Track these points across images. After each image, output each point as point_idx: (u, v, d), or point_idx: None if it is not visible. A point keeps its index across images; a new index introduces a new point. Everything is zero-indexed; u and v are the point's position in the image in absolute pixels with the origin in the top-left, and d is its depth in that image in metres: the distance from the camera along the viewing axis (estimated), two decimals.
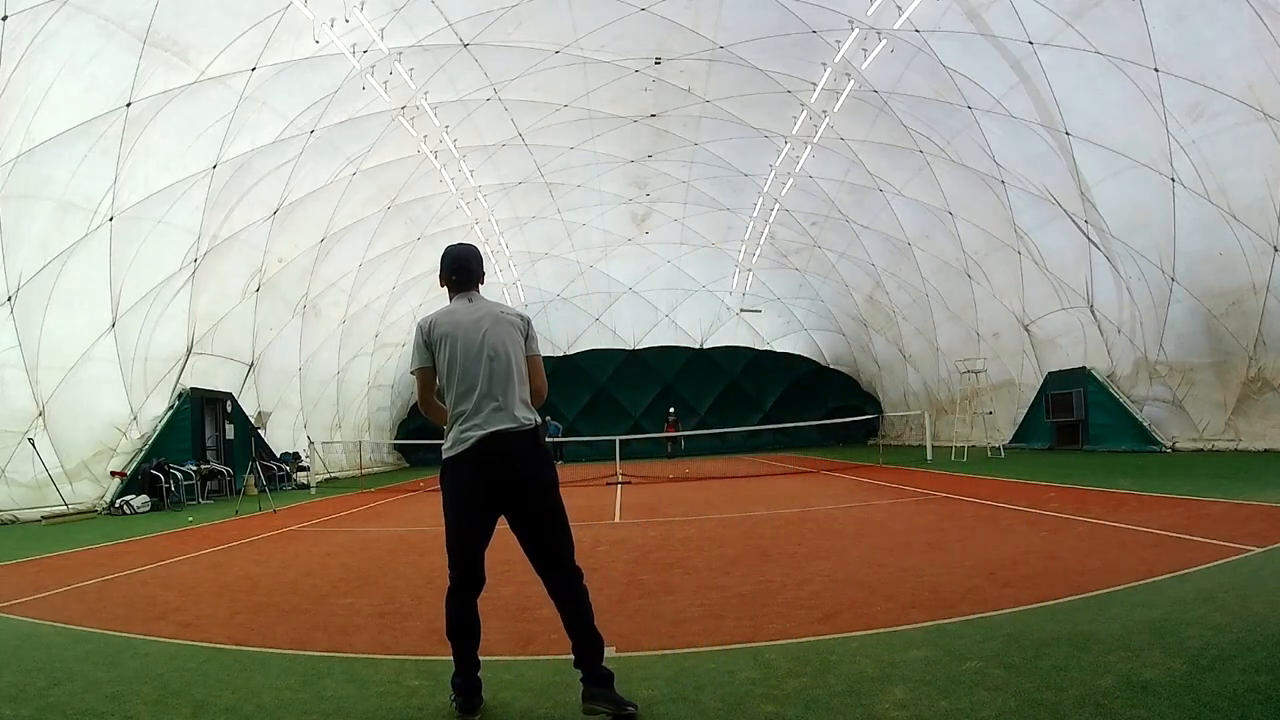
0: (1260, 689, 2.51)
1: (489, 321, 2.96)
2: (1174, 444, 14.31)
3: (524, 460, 2.81)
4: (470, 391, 2.85)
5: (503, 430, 2.79)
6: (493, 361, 2.88)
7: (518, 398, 2.89)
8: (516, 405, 2.86)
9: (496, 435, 2.78)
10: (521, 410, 2.87)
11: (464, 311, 3.00)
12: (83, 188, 11.25)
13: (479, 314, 2.99)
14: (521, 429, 2.82)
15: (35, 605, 5.06)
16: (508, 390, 2.87)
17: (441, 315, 2.99)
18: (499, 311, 3.03)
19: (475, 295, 3.10)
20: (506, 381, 2.87)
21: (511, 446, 2.79)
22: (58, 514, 11.28)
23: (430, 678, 3.21)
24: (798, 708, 2.67)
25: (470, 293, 3.09)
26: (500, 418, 2.81)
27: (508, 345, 2.93)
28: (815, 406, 27.75)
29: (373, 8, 11.74)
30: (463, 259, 3.12)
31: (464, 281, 3.10)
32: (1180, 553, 4.84)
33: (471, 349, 2.90)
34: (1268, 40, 9.99)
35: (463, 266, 3.11)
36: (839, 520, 7.88)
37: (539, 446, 2.87)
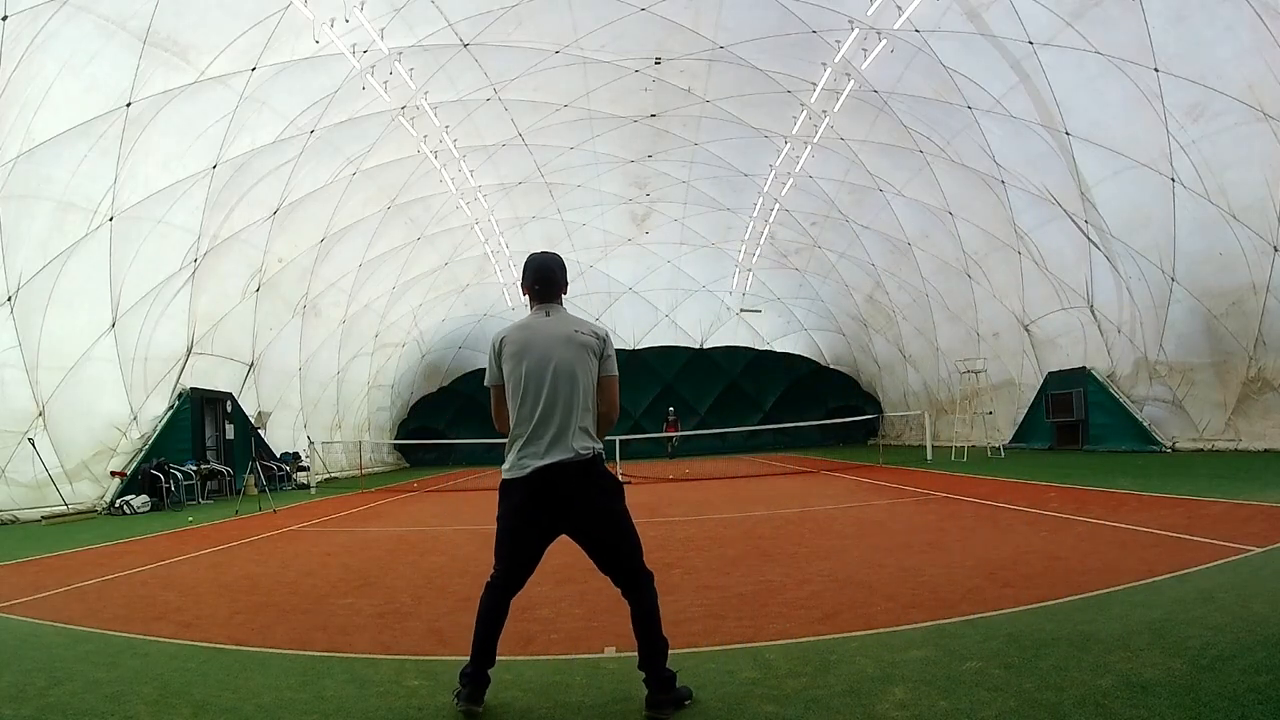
0: (1260, 689, 2.51)
1: (560, 343, 2.88)
2: (1174, 444, 14.31)
3: (578, 491, 2.81)
4: (530, 417, 2.82)
5: (556, 463, 2.77)
6: (556, 388, 2.83)
7: (577, 426, 2.83)
8: (575, 434, 2.82)
9: (551, 468, 2.77)
10: (580, 440, 2.82)
11: (538, 329, 2.92)
12: (83, 188, 11.25)
13: (552, 334, 2.90)
14: (577, 459, 2.79)
15: (35, 605, 5.06)
16: (569, 418, 2.82)
17: (515, 331, 2.94)
18: (573, 331, 2.92)
19: (555, 309, 3.00)
20: (569, 409, 2.82)
21: (564, 478, 2.79)
22: (58, 514, 11.28)
23: (430, 678, 3.21)
24: (798, 708, 2.67)
25: (550, 304, 3.00)
26: (557, 449, 2.79)
27: (575, 370, 2.86)
28: (815, 406, 27.76)
29: (373, 8, 11.74)
30: (546, 269, 3.01)
31: (545, 292, 3.00)
32: (1180, 553, 4.84)
33: (537, 372, 2.85)
34: (1268, 40, 9.99)
35: (546, 277, 3.00)
36: (839, 520, 7.88)
37: (595, 474, 2.84)
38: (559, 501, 2.80)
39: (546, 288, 3.00)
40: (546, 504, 2.80)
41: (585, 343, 2.90)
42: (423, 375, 28.57)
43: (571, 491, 2.80)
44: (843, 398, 28.79)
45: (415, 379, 28.23)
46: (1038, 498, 8.41)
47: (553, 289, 3.01)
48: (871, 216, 20.18)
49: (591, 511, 2.83)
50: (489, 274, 24.81)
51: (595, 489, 2.84)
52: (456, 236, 21.66)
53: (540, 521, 2.83)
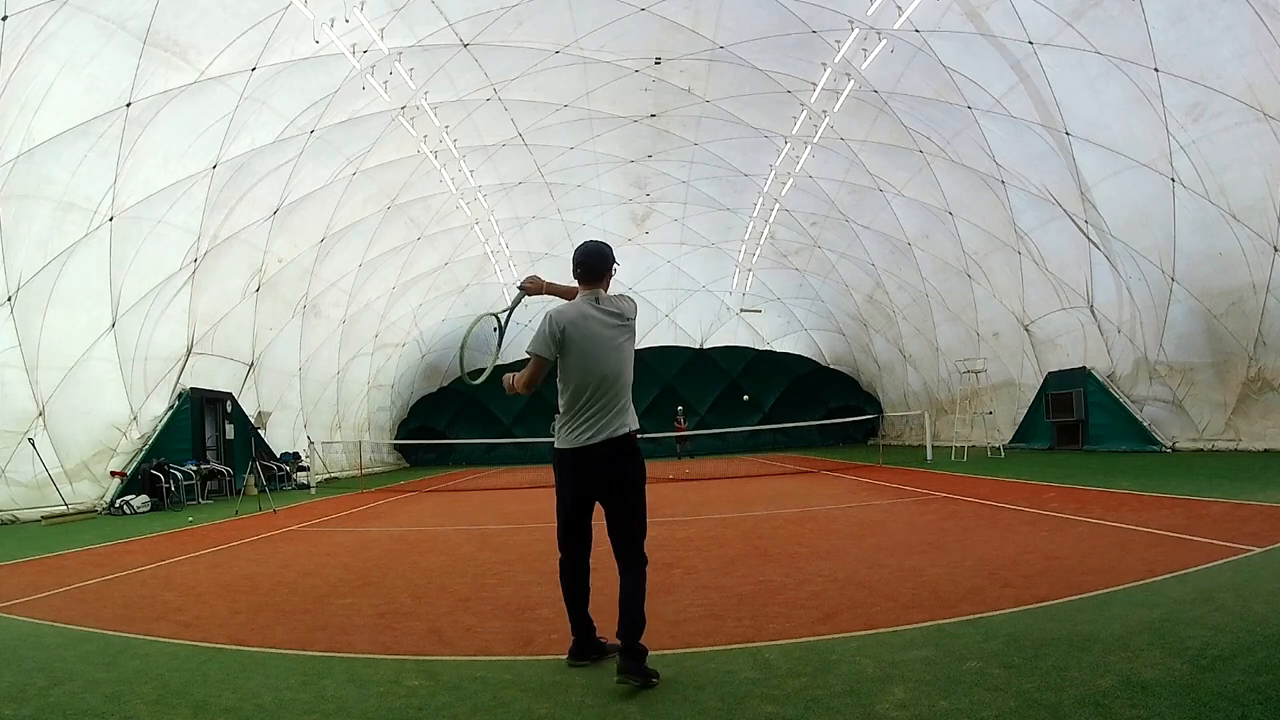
0: (1260, 689, 2.51)
1: (614, 334, 3.29)
2: (1174, 444, 14.31)
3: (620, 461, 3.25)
4: (590, 401, 3.24)
5: (610, 438, 3.22)
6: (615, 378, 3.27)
7: (627, 406, 3.31)
8: (625, 414, 3.29)
9: (606, 442, 3.22)
10: (628, 418, 3.30)
11: (595, 319, 3.28)
12: (83, 188, 11.24)
13: (608, 324, 3.29)
14: (627, 434, 3.27)
15: (35, 605, 5.06)
16: (620, 402, 3.28)
17: (574, 316, 3.27)
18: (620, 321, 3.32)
19: (602, 294, 3.35)
20: (621, 394, 3.29)
21: (614, 450, 3.23)
22: (58, 514, 11.27)
23: (430, 678, 3.21)
24: (798, 708, 2.67)
25: (598, 290, 3.35)
26: (611, 427, 3.23)
27: (624, 360, 3.32)
28: (815, 406, 27.75)
29: (373, 8, 11.74)
30: (590, 258, 3.37)
31: (588, 277, 3.36)
32: (1180, 553, 4.84)
33: (598, 363, 3.24)
34: (1268, 40, 9.99)
35: (589, 264, 3.36)
36: (839, 520, 7.88)
37: (636, 450, 3.31)
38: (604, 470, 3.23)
39: (590, 274, 3.36)
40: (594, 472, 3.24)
41: (628, 325, 3.35)
42: (423, 375, 28.56)
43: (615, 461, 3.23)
44: (843, 398, 28.78)
45: (415, 379, 28.23)
46: (1038, 498, 8.41)
47: (595, 276, 3.37)
48: (871, 216, 20.18)
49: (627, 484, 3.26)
50: (489, 274, 24.80)
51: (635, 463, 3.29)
52: (456, 236, 21.66)
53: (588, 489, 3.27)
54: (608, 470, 3.24)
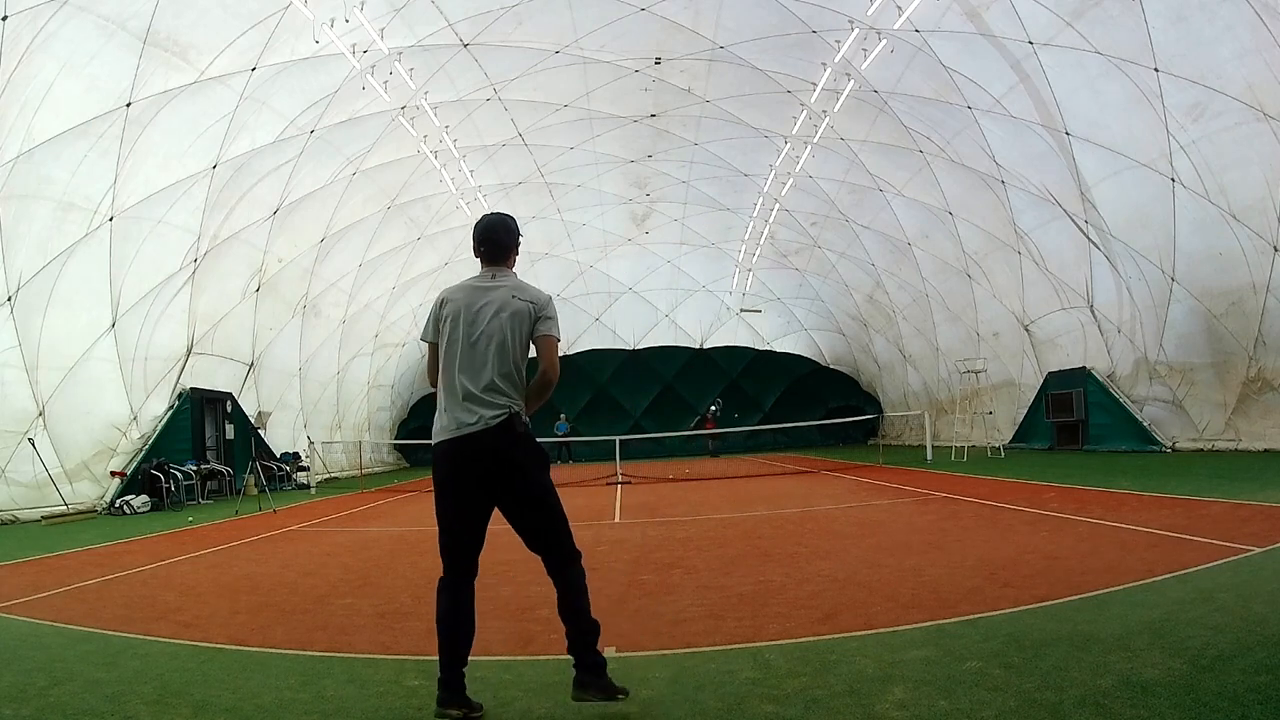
0: (1260, 689, 2.50)
1: (495, 307, 2.83)
2: (1174, 444, 14.30)
3: (497, 456, 2.74)
4: (454, 382, 2.80)
5: (473, 432, 2.73)
6: (483, 351, 2.79)
7: (498, 389, 2.77)
8: (494, 398, 2.76)
9: (469, 436, 2.73)
10: (498, 402, 2.75)
11: (477, 292, 2.88)
12: (83, 188, 11.24)
13: (490, 298, 2.86)
14: (489, 426, 2.73)
15: (35, 605, 5.06)
16: (490, 383, 2.77)
17: (456, 290, 2.92)
18: (511, 295, 2.87)
19: (501, 272, 2.95)
20: (491, 374, 2.77)
21: (483, 445, 2.73)
22: (58, 514, 11.27)
23: (430, 678, 3.19)
24: (798, 708, 2.67)
25: (497, 268, 2.95)
26: (474, 414, 2.74)
27: (506, 335, 2.80)
28: (815, 406, 27.75)
29: (373, 8, 11.73)
30: (490, 230, 2.97)
31: (491, 254, 2.96)
32: (1180, 553, 4.84)
33: (467, 335, 2.81)
34: (1268, 40, 9.99)
35: (490, 238, 2.96)
36: (839, 520, 7.88)
37: (512, 437, 2.75)
38: (479, 467, 2.74)
39: (491, 249, 2.96)
40: (470, 469, 2.74)
41: (520, 309, 2.84)
42: (423, 375, 28.54)
43: (490, 455, 2.73)
44: (843, 398, 28.79)
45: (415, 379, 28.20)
46: (1038, 498, 8.41)
47: (497, 251, 2.96)
48: (871, 216, 20.18)
49: (515, 476, 2.77)
50: None
51: (518, 452, 2.76)
52: (456, 237, 21.65)
53: (468, 489, 2.76)
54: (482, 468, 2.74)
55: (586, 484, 14.60)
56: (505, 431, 2.74)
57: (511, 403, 2.78)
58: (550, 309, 2.92)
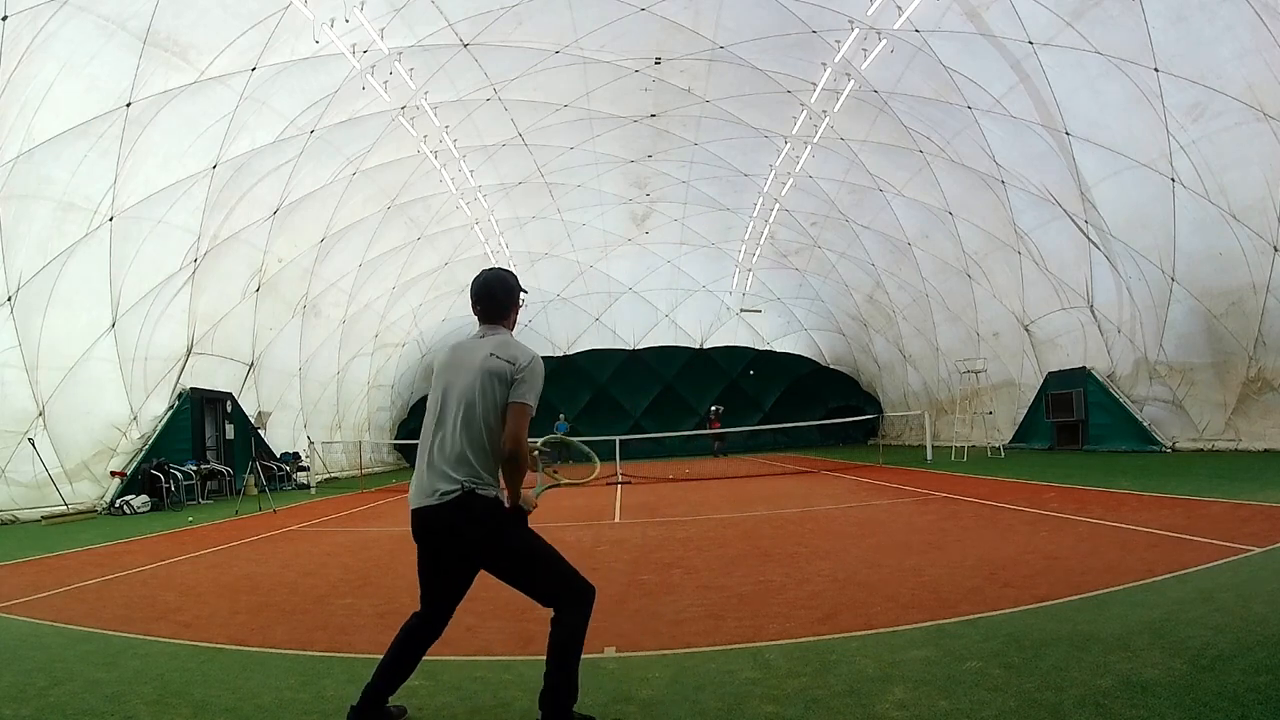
0: (1260, 689, 2.51)
1: (470, 367, 2.63)
2: (1174, 444, 14.30)
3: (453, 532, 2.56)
4: (423, 448, 2.66)
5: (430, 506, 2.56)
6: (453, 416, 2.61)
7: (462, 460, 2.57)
8: (455, 470, 2.56)
9: (427, 510, 2.57)
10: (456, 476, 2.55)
11: (461, 351, 2.73)
12: (83, 188, 11.24)
13: (470, 358, 2.67)
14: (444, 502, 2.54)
15: (35, 605, 5.06)
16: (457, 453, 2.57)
17: (447, 351, 2.78)
18: (490, 353, 2.63)
19: (492, 330, 2.75)
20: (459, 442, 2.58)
21: (440, 521, 2.56)
22: (58, 514, 11.28)
23: (430, 678, 3.21)
24: (798, 708, 2.67)
25: (493, 327, 2.76)
26: (432, 487, 2.57)
27: (475, 397, 2.59)
28: (815, 407, 27.75)
29: (373, 8, 11.74)
30: (487, 287, 2.78)
31: (487, 312, 2.78)
32: (1180, 553, 4.84)
33: (442, 397, 2.67)
34: (1268, 40, 9.99)
35: (486, 295, 2.77)
36: (839, 520, 7.88)
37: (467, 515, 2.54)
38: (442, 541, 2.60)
39: (488, 307, 2.77)
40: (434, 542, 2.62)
41: (495, 367, 2.60)
42: (423, 375, 28.52)
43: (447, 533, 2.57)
44: (843, 398, 28.79)
45: (415, 379, 28.22)
46: (1038, 498, 8.41)
47: (495, 309, 2.77)
48: (871, 216, 20.18)
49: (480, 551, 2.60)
50: None
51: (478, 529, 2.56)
52: (456, 236, 21.66)
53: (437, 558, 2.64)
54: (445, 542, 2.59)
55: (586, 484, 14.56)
56: (460, 509, 2.54)
57: (473, 475, 2.56)
58: (531, 372, 2.61)
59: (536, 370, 2.62)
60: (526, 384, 2.59)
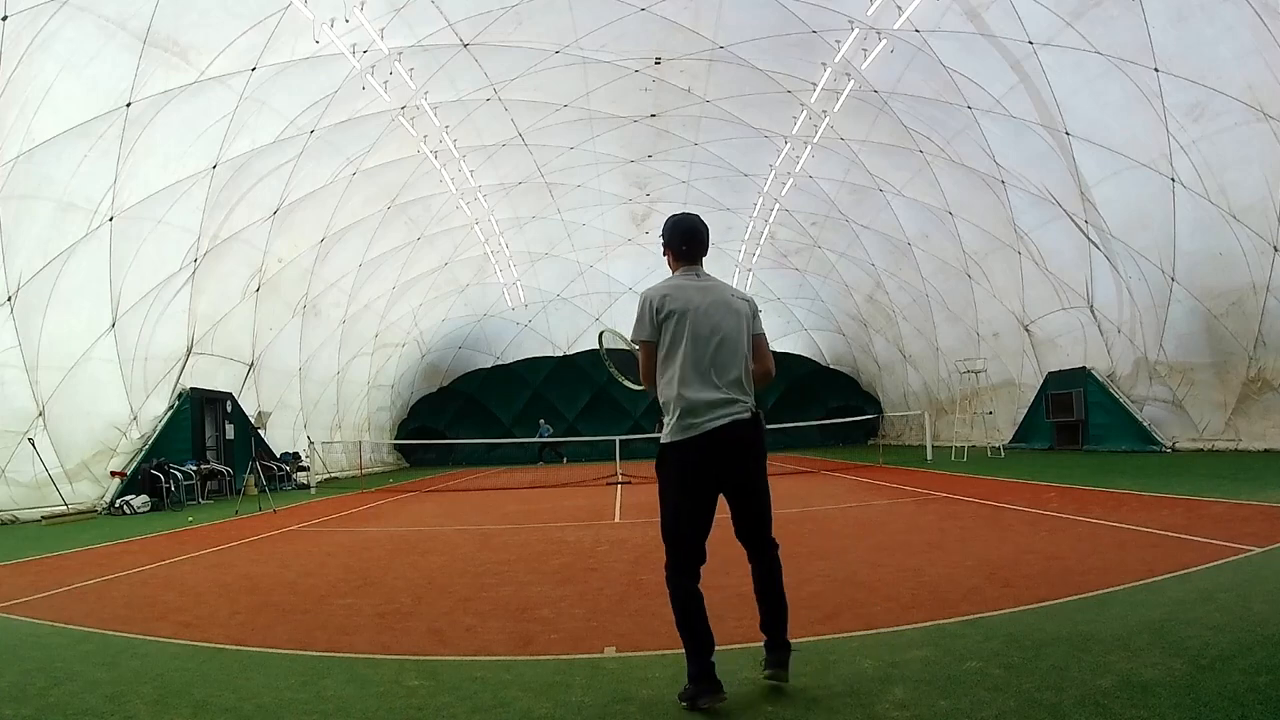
0: (1260, 689, 2.50)
1: (721, 307, 2.91)
2: (1174, 444, 14.31)
3: (750, 447, 2.86)
4: (699, 379, 2.82)
5: (733, 421, 2.81)
6: (722, 349, 2.86)
7: (745, 386, 2.90)
8: (743, 393, 2.88)
9: (727, 427, 2.79)
10: (748, 399, 2.89)
11: (695, 291, 2.91)
12: (83, 188, 11.24)
13: (711, 297, 2.92)
14: (749, 418, 2.86)
15: (35, 605, 5.05)
16: (737, 379, 2.87)
17: (672, 289, 2.90)
18: (729, 295, 2.98)
19: (702, 271, 3.02)
20: (735, 369, 2.87)
21: (740, 435, 2.82)
22: (58, 514, 11.28)
23: (430, 677, 3.21)
24: (798, 708, 2.67)
25: (698, 267, 3.02)
26: (728, 408, 2.82)
27: (740, 332, 2.92)
28: (815, 406, 27.75)
29: (373, 8, 11.74)
30: (694, 230, 3.02)
31: (694, 253, 3.02)
32: (1180, 553, 4.83)
33: (702, 334, 2.85)
34: (1268, 40, 9.99)
35: (694, 238, 3.01)
36: (839, 520, 7.88)
37: (761, 432, 2.92)
38: (731, 457, 2.82)
39: (695, 248, 3.02)
40: (719, 462, 2.81)
41: (740, 308, 2.96)
42: (423, 375, 28.57)
43: (745, 446, 2.84)
44: (843, 398, 28.78)
45: (415, 379, 28.24)
46: (1038, 498, 8.41)
47: (701, 249, 3.04)
48: (871, 216, 20.18)
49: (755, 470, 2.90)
50: (489, 274, 24.81)
51: (762, 448, 2.92)
52: (456, 236, 21.66)
53: (711, 483, 2.84)
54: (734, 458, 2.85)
55: (586, 484, 14.60)
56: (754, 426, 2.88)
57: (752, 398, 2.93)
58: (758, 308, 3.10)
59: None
60: (760, 318, 3.09)
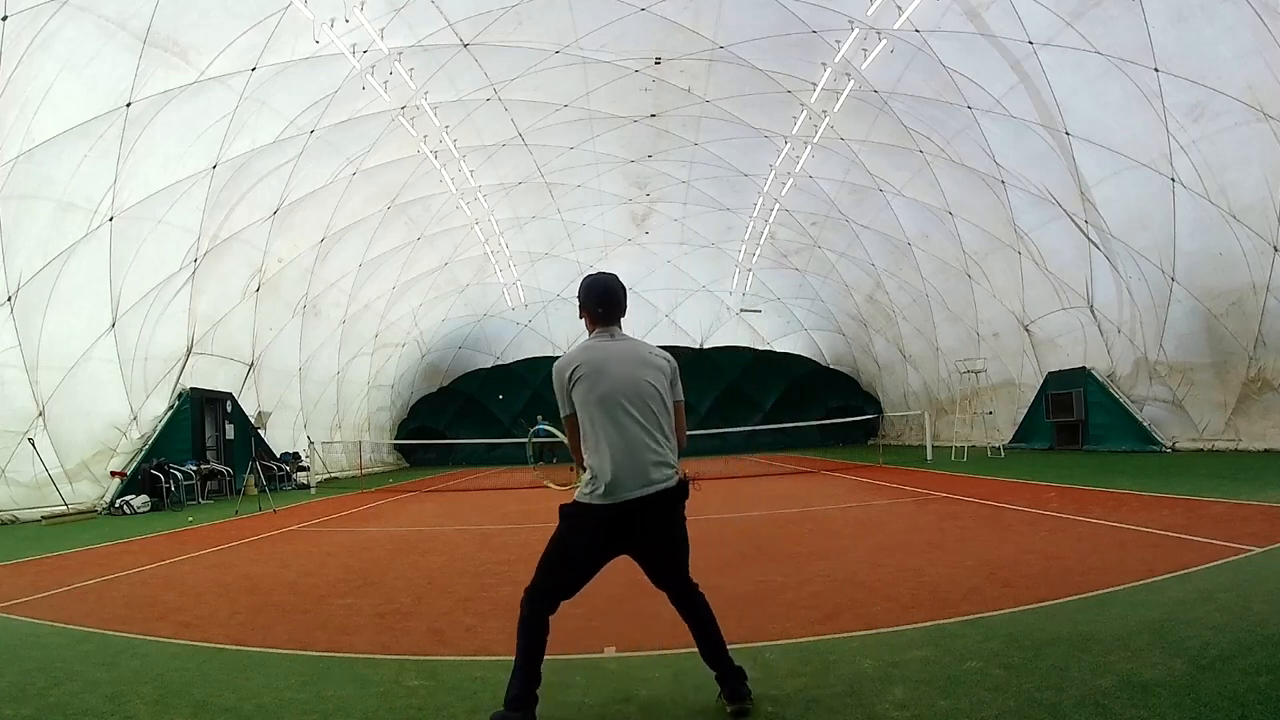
0: (1260, 689, 2.50)
1: (640, 365, 2.76)
2: (1174, 444, 14.30)
3: (671, 515, 2.73)
4: (623, 443, 2.65)
5: (657, 492, 2.65)
6: (645, 410, 2.70)
7: (669, 449, 2.73)
8: (668, 458, 2.71)
9: (651, 499, 2.65)
10: (666, 467, 2.70)
11: (612, 351, 2.77)
12: (83, 188, 11.24)
13: (630, 357, 2.77)
14: (666, 489, 2.68)
15: (35, 605, 5.05)
16: (660, 442, 2.71)
17: (584, 355, 2.75)
18: (649, 354, 2.83)
19: (619, 331, 2.86)
20: (658, 431, 2.71)
21: (662, 508, 2.68)
22: (58, 514, 11.27)
23: (430, 677, 3.21)
24: (798, 708, 2.67)
25: (614, 328, 2.86)
26: (653, 475, 2.66)
27: (663, 392, 2.76)
28: (815, 406, 27.75)
29: (373, 8, 11.74)
30: (610, 290, 2.87)
31: (611, 315, 2.86)
32: (1180, 553, 4.83)
33: (622, 396, 2.68)
34: (1268, 40, 9.99)
35: (610, 299, 2.86)
36: (839, 520, 7.88)
37: (685, 498, 2.77)
38: (642, 531, 2.70)
39: (611, 310, 2.87)
40: (628, 534, 2.69)
41: (660, 366, 2.80)
42: (423, 375, 28.56)
43: (657, 520, 2.70)
44: (843, 398, 28.77)
45: (415, 379, 28.23)
46: (1038, 498, 8.41)
47: (617, 311, 2.88)
48: (871, 216, 20.18)
49: (670, 539, 2.78)
50: (489, 274, 24.82)
51: (675, 517, 2.77)
52: (456, 236, 21.66)
53: (611, 548, 2.73)
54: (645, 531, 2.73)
55: None
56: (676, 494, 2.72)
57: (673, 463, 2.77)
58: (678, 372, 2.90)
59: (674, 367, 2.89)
60: (679, 384, 2.88)
